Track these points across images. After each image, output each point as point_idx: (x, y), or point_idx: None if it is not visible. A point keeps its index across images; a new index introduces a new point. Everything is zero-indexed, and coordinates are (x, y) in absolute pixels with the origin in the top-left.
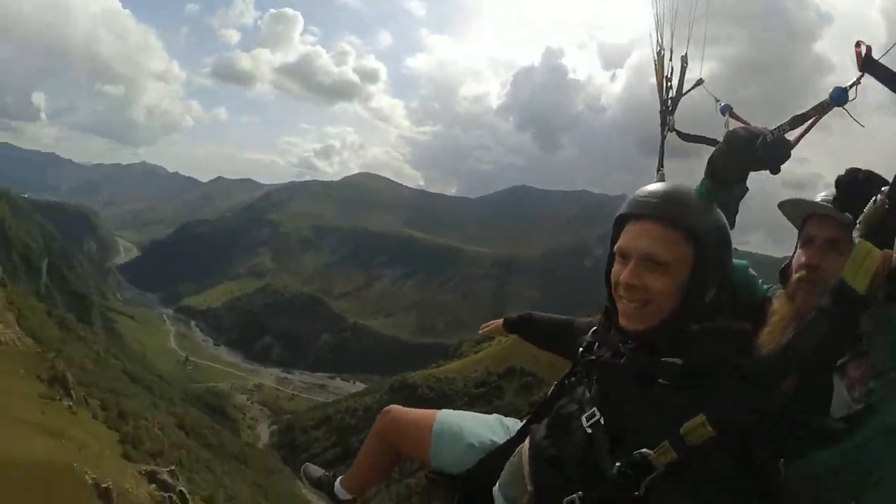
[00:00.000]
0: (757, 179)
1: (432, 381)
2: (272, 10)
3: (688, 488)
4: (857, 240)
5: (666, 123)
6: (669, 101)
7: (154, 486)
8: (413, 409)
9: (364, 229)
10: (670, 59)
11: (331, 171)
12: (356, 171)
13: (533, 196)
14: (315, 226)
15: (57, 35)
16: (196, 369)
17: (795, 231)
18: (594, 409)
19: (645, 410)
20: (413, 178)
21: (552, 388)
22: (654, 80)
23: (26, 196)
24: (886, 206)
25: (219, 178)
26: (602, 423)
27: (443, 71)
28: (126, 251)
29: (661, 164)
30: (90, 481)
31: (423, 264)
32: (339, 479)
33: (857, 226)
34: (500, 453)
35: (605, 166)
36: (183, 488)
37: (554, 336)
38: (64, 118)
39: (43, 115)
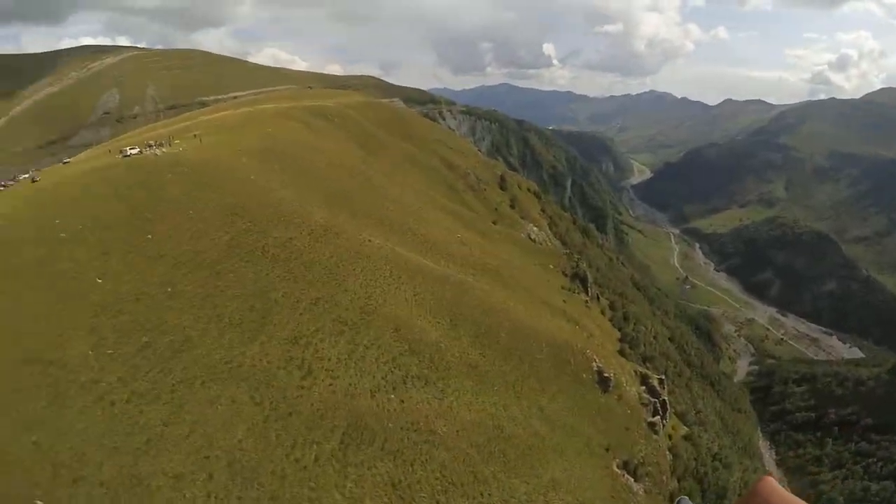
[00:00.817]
0: None
1: None
2: None
3: None
4: None
5: None
6: None
7: (644, 387)
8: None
9: (890, 160)
10: None
11: (849, 86)
12: (878, 87)
13: None
14: (833, 152)
15: None
16: (693, 290)
17: None
18: None
19: None
20: None
21: None
22: None
23: (551, 128)
24: None
25: (727, 101)
26: None
27: None
28: (639, 172)
29: None
30: (595, 367)
31: None
32: None
33: None
34: None
35: None
36: (666, 398)
37: None
38: (573, 61)
39: (555, 62)
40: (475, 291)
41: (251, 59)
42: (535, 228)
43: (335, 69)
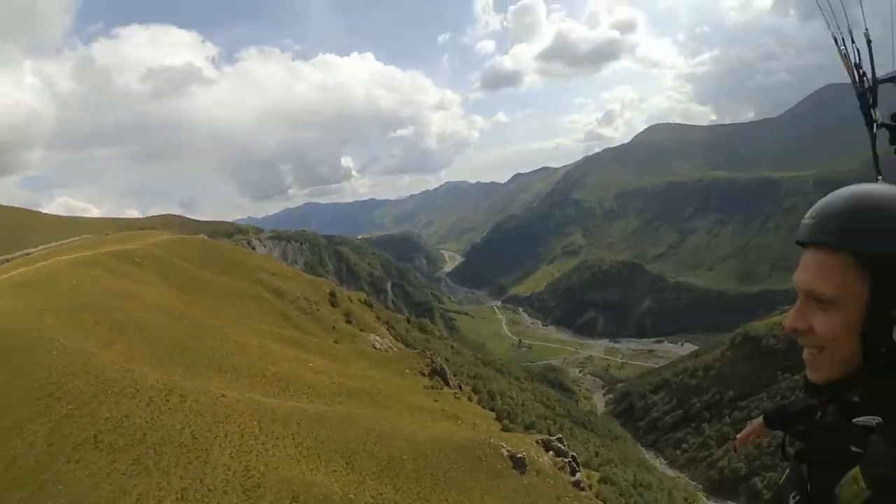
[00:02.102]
0: None
1: (777, 329)
2: (512, 7)
3: None
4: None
5: (872, 119)
6: (868, 92)
7: (551, 452)
8: None
9: (665, 184)
10: (853, 42)
11: (618, 135)
12: (643, 128)
13: (845, 93)
14: (618, 193)
15: (344, 109)
16: (530, 350)
17: None
18: (796, 486)
19: (832, 483)
20: (703, 115)
21: (785, 473)
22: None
23: (361, 237)
24: None
25: (516, 175)
26: (798, 499)
27: None
28: (451, 259)
29: (879, 172)
30: (506, 453)
31: (735, 206)
32: None
33: None
34: None
35: None
36: (574, 454)
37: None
38: (372, 168)
39: (354, 172)
40: (357, 420)
41: (43, 210)
42: (377, 338)
43: (133, 213)
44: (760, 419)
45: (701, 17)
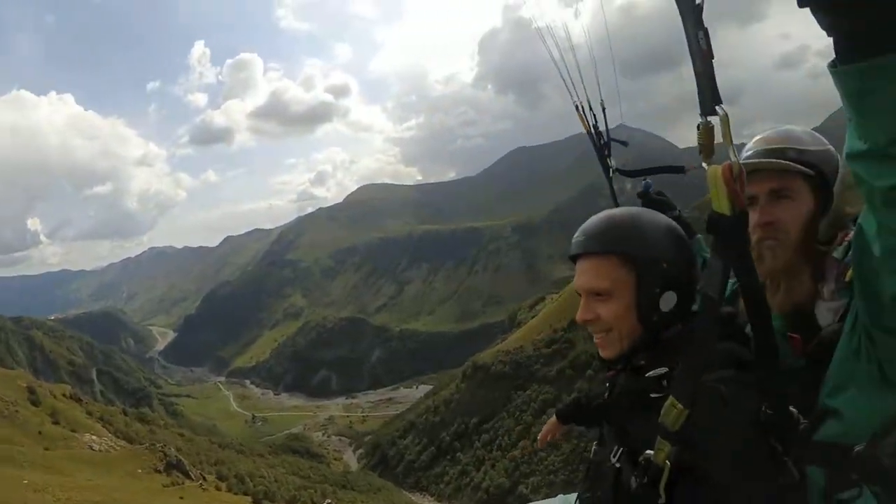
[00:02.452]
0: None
1: (501, 355)
2: (229, 61)
3: (701, 478)
4: (706, 167)
5: (608, 167)
6: (604, 148)
7: None
8: None
9: (379, 240)
10: (590, 109)
11: (330, 195)
12: (354, 188)
13: (531, 154)
14: (334, 251)
15: (33, 160)
16: (266, 423)
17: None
18: (616, 444)
19: (647, 425)
20: (410, 175)
21: (592, 449)
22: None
23: (54, 318)
24: (711, 126)
25: (227, 238)
26: (624, 452)
27: (408, 62)
28: (162, 336)
29: (616, 204)
30: None
31: (446, 255)
32: None
33: (701, 155)
34: None
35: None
36: None
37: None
38: (64, 233)
39: (43, 237)
40: None
41: None
42: (94, 437)
43: None
44: (554, 417)
45: (410, 88)
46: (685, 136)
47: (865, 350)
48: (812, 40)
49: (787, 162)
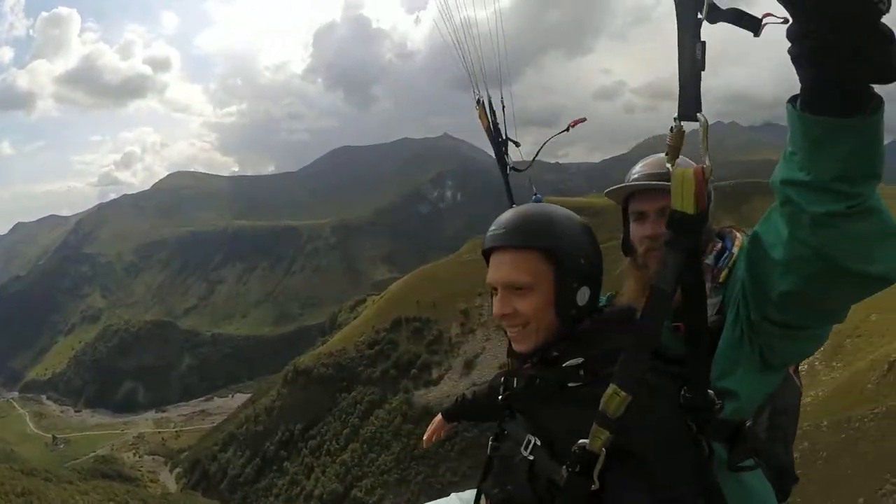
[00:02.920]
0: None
1: (324, 357)
2: (44, 14)
3: (638, 458)
4: (670, 168)
5: (505, 163)
6: (502, 146)
7: None
8: None
9: (190, 234)
10: (489, 104)
11: (136, 180)
12: (164, 175)
13: (356, 155)
14: (139, 245)
15: None
16: (69, 445)
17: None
18: (527, 436)
19: (568, 415)
20: (226, 166)
21: (489, 444)
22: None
23: None
24: (683, 130)
25: (18, 225)
26: (538, 444)
27: (238, 43)
28: None
29: (512, 202)
30: None
31: (262, 253)
32: None
33: (666, 155)
34: None
35: (421, 111)
36: None
37: (495, 402)
38: None
39: None
40: None
41: None
42: None
43: None
44: (440, 416)
45: (236, 70)
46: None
47: (748, 339)
48: (629, 78)
49: None
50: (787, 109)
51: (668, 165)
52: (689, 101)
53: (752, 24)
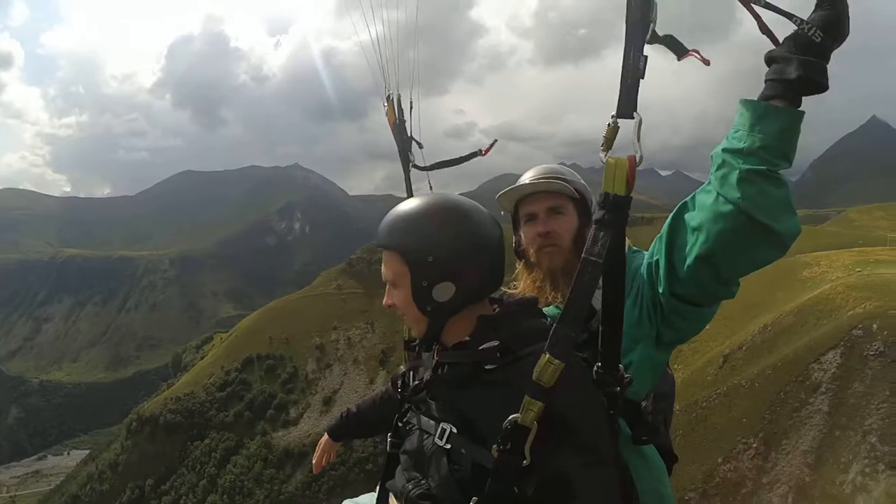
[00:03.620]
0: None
1: (170, 403)
2: None
3: (567, 430)
4: (603, 158)
5: (408, 159)
6: (406, 140)
7: None
8: None
9: (16, 262)
10: (398, 101)
11: None
12: None
13: (200, 181)
14: None
15: None
16: None
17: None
18: (441, 425)
19: (489, 396)
20: (58, 185)
21: (388, 441)
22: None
23: None
24: (618, 125)
25: None
26: (455, 430)
27: (87, 45)
28: None
29: (410, 194)
30: None
31: (93, 286)
32: None
33: (602, 147)
34: None
35: (272, 138)
36: None
37: (386, 413)
38: None
39: None
40: None
41: None
42: None
43: None
44: (326, 437)
45: (80, 76)
46: (359, 185)
47: (647, 317)
48: (479, 118)
49: (563, 184)
50: (740, 102)
51: (602, 155)
52: (628, 102)
53: (679, 51)
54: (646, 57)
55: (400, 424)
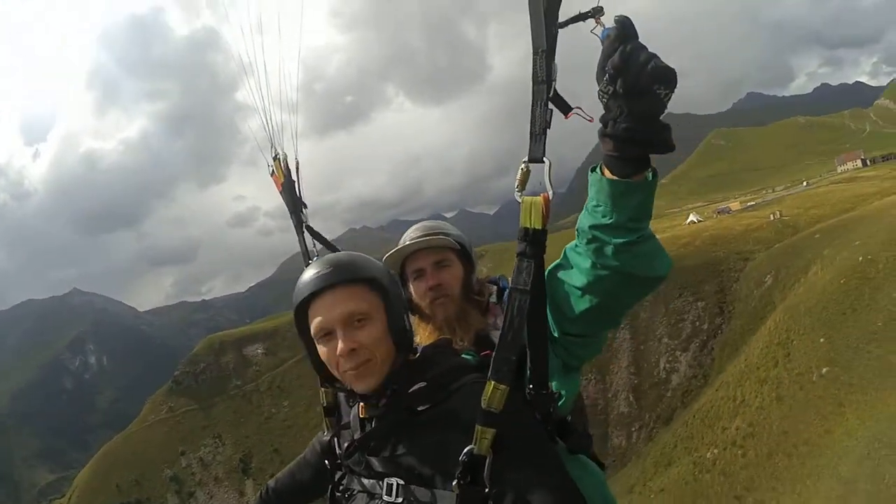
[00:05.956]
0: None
1: None
2: None
3: (520, 450)
4: (519, 198)
5: (301, 220)
6: (297, 199)
7: None
8: None
9: None
10: (284, 160)
11: None
12: None
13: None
14: None
15: None
16: None
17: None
18: (385, 480)
19: (430, 437)
20: None
21: None
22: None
23: None
24: (529, 170)
25: None
26: (402, 482)
27: None
28: None
29: (307, 262)
30: None
31: None
32: None
33: (517, 188)
34: None
35: (43, 264)
36: None
37: (309, 481)
38: None
39: None
40: None
41: None
42: None
43: None
44: None
45: None
46: (149, 298)
47: (552, 353)
48: (262, 202)
49: (444, 238)
50: (591, 175)
51: (517, 195)
52: (538, 148)
53: (564, 109)
54: (552, 110)
55: (338, 493)
